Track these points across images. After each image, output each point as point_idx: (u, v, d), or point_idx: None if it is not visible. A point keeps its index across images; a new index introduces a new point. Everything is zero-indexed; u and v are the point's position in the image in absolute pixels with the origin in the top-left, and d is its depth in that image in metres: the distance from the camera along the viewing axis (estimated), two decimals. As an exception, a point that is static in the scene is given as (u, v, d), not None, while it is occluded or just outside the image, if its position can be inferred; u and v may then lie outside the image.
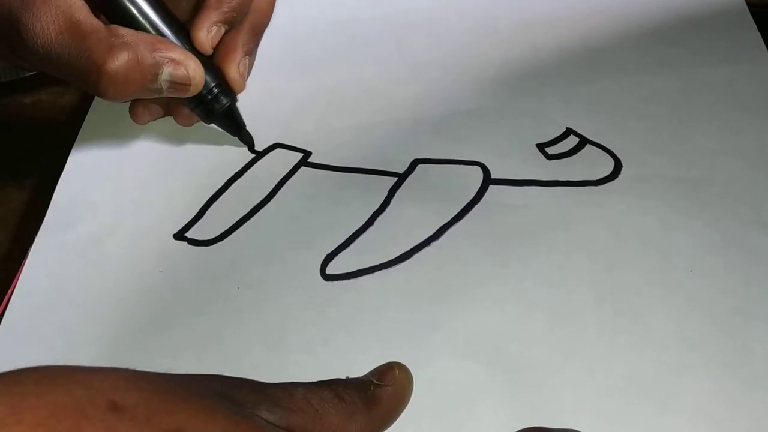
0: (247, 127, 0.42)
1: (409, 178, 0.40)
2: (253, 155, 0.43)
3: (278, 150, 0.43)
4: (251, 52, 0.41)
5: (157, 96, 0.38)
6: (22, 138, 0.48)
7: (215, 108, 0.40)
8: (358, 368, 0.29)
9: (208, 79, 0.39)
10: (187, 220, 0.40)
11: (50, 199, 0.41)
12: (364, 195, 0.40)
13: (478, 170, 0.40)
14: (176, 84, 0.37)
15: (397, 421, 0.29)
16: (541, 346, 0.33)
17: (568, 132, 0.42)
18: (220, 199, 0.41)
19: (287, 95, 0.46)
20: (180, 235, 0.39)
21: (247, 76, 0.41)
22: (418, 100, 0.45)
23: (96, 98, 0.47)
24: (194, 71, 0.38)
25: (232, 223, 0.39)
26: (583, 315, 0.33)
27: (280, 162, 0.42)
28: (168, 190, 0.41)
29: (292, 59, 0.49)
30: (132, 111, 0.42)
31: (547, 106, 0.44)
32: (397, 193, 0.40)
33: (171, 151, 0.44)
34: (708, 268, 0.35)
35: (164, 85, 0.37)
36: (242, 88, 0.41)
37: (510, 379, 0.31)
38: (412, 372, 0.30)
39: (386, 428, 0.29)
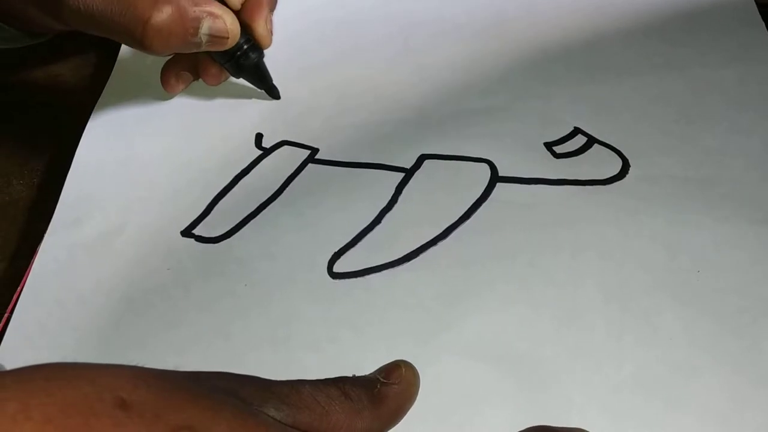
0: (256, 125, 0.43)
1: (416, 174, 0.40)
2: (260, 152, 0.43)
3: (285, 147, 0.43)
4: (274, 8, 0.43)
5: (196, 49, 0.40)
6: (29, 135, 0.48)
7: (245, 63, 0.43)
8: (365, 366, 0.29)
9: None
10: (195, 217, 0.40)
11: (58, 197, 0.41)
12: (372, 192, 0.40)
13: (486, 167, 0.40)
14: (215, 37, 0.39)
15: (404, 419, 0.29)
16: (549, 345, 0.33)
17: (576, 131, 0.42)
18: (227, 196, 0.41)
19: (295, 93, 0.46)
20: (187, 233, 0.39)
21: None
22: (426, 99, 0.45)
23: (102, 95, 0.47)
24: (232, 24, 0.40)
25: (239, 221, 0.39)
26: (591, 314, 0.33)
27: (287, 159, 0.42)
28: (175, 188, 0.41)
29: (300, 58, 0.49)
30: (165, 81, 0.44)
31: (555, 105, 0.43)
32: (405, 190, 0.40)
33: (178, 148, 0.44)
34: (716, 268, 0.35)
35: (204, 39, 0.39)
36: (269, 43, 0.43)
37: (517, 378, 0.31)
38: (418, 370, 0.30)
39: (393, 426, 0.29)
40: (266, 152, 0.43)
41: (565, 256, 0.36)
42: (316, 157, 0.42)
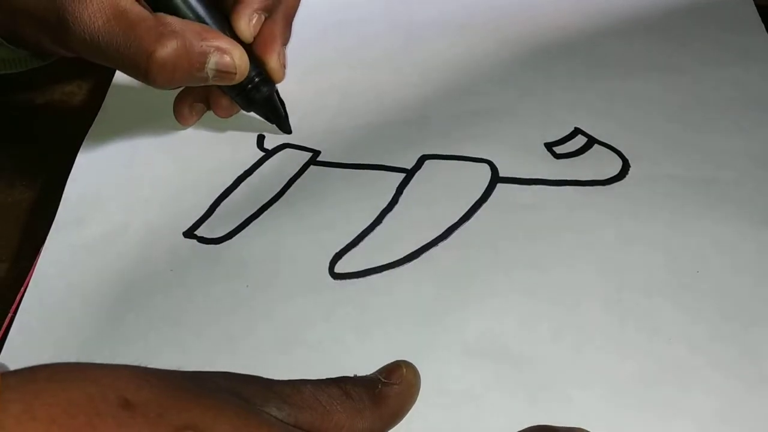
0: (258, 127, 0.43)
1: (417, 175, 0.41)
2: (262, 154, 0.43)
3: (287, 149, 0.43)
4: (287, 42, 0.42)
5: (202, 84, 0.39)
6: (33, 138, 0.48)
7: (256, 96, 0.41)
8: (366, 366, 0.30)
9: (249, 67, 0.40)
10: (197, 218, 0.40)
11: (60, 198, 0.41)
12: (373, 193, 0.40)
13: (486, 168, 0.40)
14: (222, 72, 0.38)
15: (405, 419, 0.29)
16: (549, 345, 0.33)
17: (576, 132, 0.42)
18: (229, 197, 0.41)
19: (297, 95, 0.46)
20: (190, 234, 0.39)
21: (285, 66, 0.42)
22: (427, 100, 0.45)
23: (106, 98, 0.47)
24: (240, 59, 0.39)
25: (241, 222, 0.39)
26: (591, 314, 0.33)
27: (289, 161, 0.42)
28: (177, 189, 0.42)
29: (302, 60, 0.48)
30: (178, 113, 0.44)
31: (556, 106, 0.44)
32: (405, 191, 0.40)
33: (180, 149, 0.44)
34: (716, 269, 0.35)
35: (210, 74, 0.38)
36: (282, 77, 0.42)
37: (517, 378, 0.32)
38: (419, 370, 0.30)
39: (394, 426, 0.29)
40: (268, 154, 0.43)
41: (565, 256, 0.36)
42: (318, 159, 0.42)
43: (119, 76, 0.48)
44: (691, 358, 0.32)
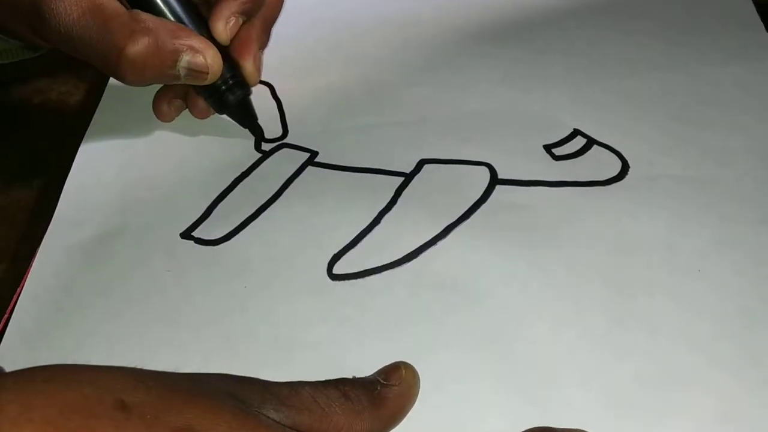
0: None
1: (415, 178, 0.40)
2: (260, 155, 0.43)
3: (285, 150, 0.43)
4: (264, 46, 0.42)
5: (174, 82, 0.39)
6: (30, 137, 0.48)
7: (229, 99, 0.41)
8: (365, 368, 0.30)
9: (224, 69, 0.40)
10: (194, 220, 0.40)
11: (58, 199, 0.41)
12: (371, 195, 0.40)
13: (485, 170, 0.40)
14: (194, 72, 0.38)
15: (404, 420, 0.29)
16: (548, 346, 0.32)
17: (575, 133, 0.42)
18: (226, 198, 0.41)
19: (294, 95, 0.46)
20: (187, 235, 0.39)
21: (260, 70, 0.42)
22: (426, 102, 0.45)
23: (103, 99, 0.47)
24: (212, 60, 0.38)
25: (238, 223, 0.39)
26: (591, 315, 0.33)
27: (286, 162, 0.42)
28: (175, 190, 0.41)
29: (299, 60, 0.49)
30: (157, 110, 0.44)
31: (554, 107, 0.44)
32: (404, 193, 0.40)
33: (178, 150, 0.44)
34: (716, 268, 0.35)
35: (182, 72, 0.38)
36: (256, 81, 0.42)
37: (517, 379, 0.31)
38: (418, 371, 0.30)
39: (393, 427, 0.29)
40: (266, 155, 0.43)
41: (564, 257, 0.36)
42: (316, 160, 0.42)
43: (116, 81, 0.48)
44: (692, 358, 0.31)
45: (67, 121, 0.48)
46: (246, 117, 0.43)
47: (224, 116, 0.43)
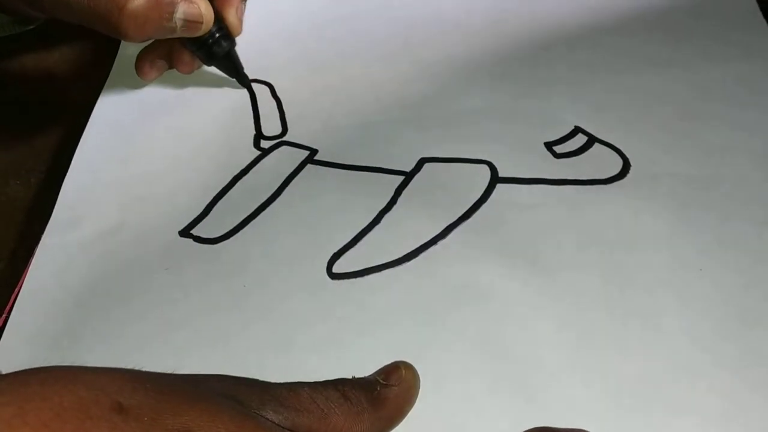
0: (257, 124, 0.43)
1: (416, 177, 0.40)
2: (259, 152, 0.43)
3: (284, 147, 0.43)
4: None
5: (170, 35, 0.41)
6: (26, 134, 0.48)
7: (216, 51, 0.44)
8: (365, 368, 0.29)
9: None
10: (193, 218, 0.39)
11: (56, 197, 0.41)
12: (371, 193, 0.40)
13: (486, 169, 0.40)
14: (189, 22, 0.40)
15: (404, 421, 0.29)
16: (549, 345, 0.32)
17: (577, 130, 0.42)
18: (226, 196, 0.40)
19: (293, 92, 0.46)
20: (186, 233, 0.39)
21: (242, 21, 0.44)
22: (426, 99, 0.45)
23: (102, 95, 0.47)
24: (206, 9, 0.41)
25: (238, 221, 0.39)
26: (592, 314, 0.33)
27: (286, 159, 0.42)
28: (174, 188, 0.41)
29: (299, 57, 0.48)
30: (139, 69, 0.46)
31: (555, 105, 0.43)
32: (404, 192, 0.40)
33: (176, 148, 0.43)
34: (718, 267, 0.34)
35: (178, 24, 0.40)
36: (240, 31, 0.44)
37: (518, 379, 0.31)
38: (419, 371, 0.30)
39: (393, 428, 0.28)
40: (265, 152, 0.43)
41: (566, 256, 0.36)
42: (315, 158, 0.42)
43: (114, 75, 0.48)
44: (694, 357, 0.31)
45: (65, 119, 0.48)
46: (232, 67, 0.45)
47: (223, 114, 0.43)
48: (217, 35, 0.43)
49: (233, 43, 0.44)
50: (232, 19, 0.43)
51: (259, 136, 0.44)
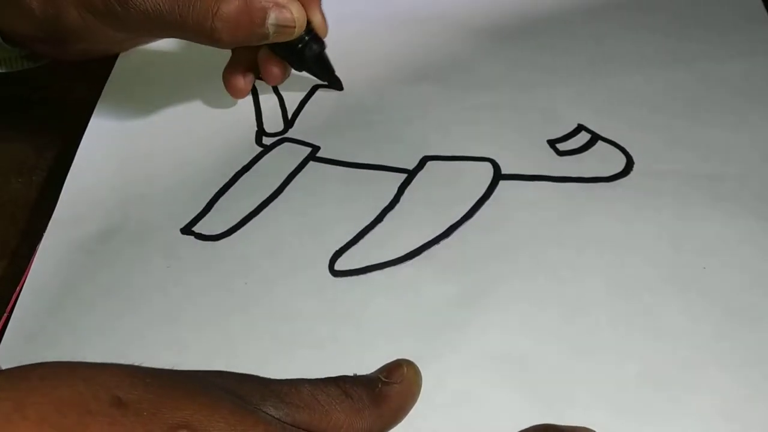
0: (259, 121, 0.43)
1: (418, 175, 0.40)
2: (260, 149, 0.43)
3: (286, 144, 0.43)
4: None
5: (263, 42, 0.40)
6: (29, 134, 0.48)
7: (308, 54, 0.43)
8: (367, 365, 0.29)
9: None
10: (195, 215, 0.39)
11: (57, 195, 0.41)
12: (373, 191, 0.39)
13: (489, 166, 0.40)
14: (282, 27, 0.40)
15: (406, 418, 0.29)
16: (553, 342, 0.32)
17: (580, 128, 0.42)
18: (227, 193, 0.40)
19: (296, 90, 0.46)
20: (187, 230, 0.39)
21: None
22: (428, 97, 0.45)
23: (104, 94, 0.47)
24: (298, 13, 0.40)
25: (239, 218, 0.39)
26: (595, 311, 0.33)
27: (288, 157, 0.42)
28: (175, 185, 0.41)
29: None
30: (232, 86, 0.44)
31: (559, 102, 0.43)
32: (407, 190, 0.39)
33: (178, 145, 0.43)
34: (722, 265, 0.34)
35: (271, 30, 0.39)
36: (326, 32, 0.43)
37: (521, 376, 0.31)
38: (420, 369, 0.29)
39: (394, 426, 0.28)
40: (267, 149, 0.43)
41: (568, 253, 0.35)
42: (317, 155, 0.42)
43: (116, 73, 0.48)
44: (698, 354, 0.31)
45: (67, 118, 0.48)
46: (325, 70, 0.44)
47: (225, 110, 0.43)
48: (307, 38, 0.42)
49: (323, 45, 0.43)
50: (318, 19, 0.42)
51: (261, 132, 0.44)
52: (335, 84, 0.45)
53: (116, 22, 0.39)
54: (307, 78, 0.45)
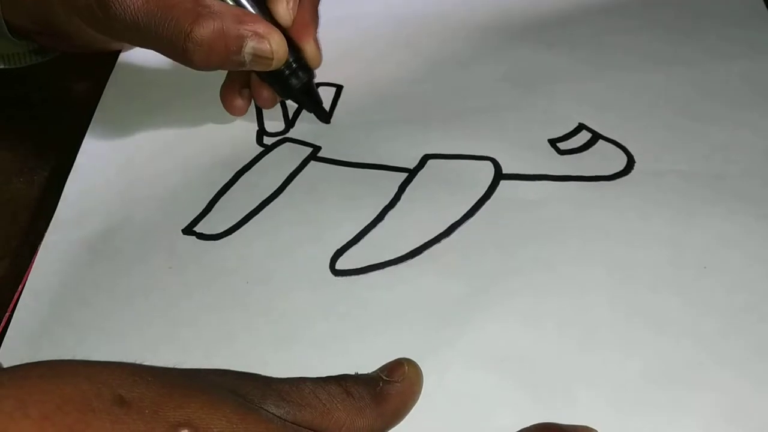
0: (260, 120, 0.43)
1: (419, 174, 0.40)
2: (261, 149, 0.43)
3: (287, 144, 0.43)
4: (318, 26, 0.41)
5: (239, 68, 0.39)
6: (29, 132, 0.48)
7: (293, 83, 0.41)
8: (368, 364, 0.29)
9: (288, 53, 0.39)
10: (196, 215, 0.39)
11: (59, 194, 0.41)
12: (374, 190, 0.39)
13: (490, 165, 0.40)
14: (259, 57, 0.38)
15: (407, 417, 0.29)
16: (554, 342, 0.32)
17: (581, 127, 0.42)
18: (228, 193, 0.40)
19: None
20: (189, 230, 0.39)
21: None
22: (429, 97, 0.45)
23: (104, 94, 0.47)
24: (278, 45, 0.38)
25: (240, 218, 0.39)
26: (596, 311, 0.33)
27: (289, 156, 0.42)
28: (176, 185, 0.41)
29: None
30: (229, 104, 0.43)
31: (560, 101, 0.43)
32: (408, 189, 0.39)
33: (179, 145, 0.43)
34: (722, 264, 0.34)
35: (247, 58, 0.38)
36: (319, 63, 0.41)
37: (522, 376, 0.31)
38: (422, 368, 0.29)
39: (395, 425, 0.28)
40: (268, 149, 0.43)
41: (569, 252, 0.35)
42: (318, 154, 0.42)
43: (117, 72, 0.48)
44: (698, 354, 0.31)
45: (68, 118, 0.48)
46: (311, 101, 0.42)
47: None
48: (294, 66, 0.40)
49: (312, 75, 0.41)
50: (311, 49, 0.40)
51: (262, 132, 0.44)
52: (322, 116, 0.43)
53: (99, 27, 0.38)
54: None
